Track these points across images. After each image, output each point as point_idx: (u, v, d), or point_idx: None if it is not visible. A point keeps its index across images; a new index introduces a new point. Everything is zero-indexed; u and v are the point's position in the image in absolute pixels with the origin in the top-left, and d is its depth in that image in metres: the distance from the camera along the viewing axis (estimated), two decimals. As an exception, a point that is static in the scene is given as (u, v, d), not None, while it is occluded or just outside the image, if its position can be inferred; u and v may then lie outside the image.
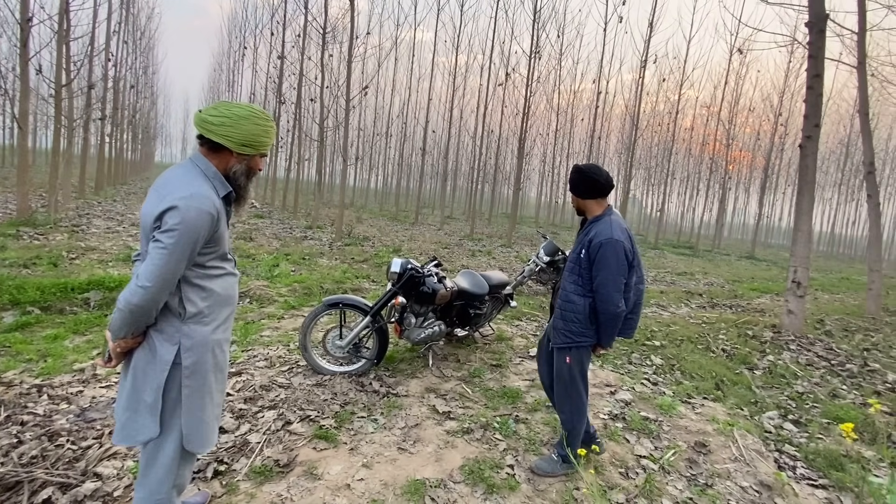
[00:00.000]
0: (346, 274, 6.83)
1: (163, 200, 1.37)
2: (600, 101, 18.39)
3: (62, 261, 5.86)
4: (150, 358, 1.45)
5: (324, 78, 12.73)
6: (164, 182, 1.45)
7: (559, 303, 2.34)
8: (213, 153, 1.51)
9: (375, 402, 3.00)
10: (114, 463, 2.11)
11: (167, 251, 1.35)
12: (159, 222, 1.36)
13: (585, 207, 2.32)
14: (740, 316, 6.76)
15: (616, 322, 2.20)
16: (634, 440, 2.86)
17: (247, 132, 1.47)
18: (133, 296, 1.35)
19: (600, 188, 2.25)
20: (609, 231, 2.16)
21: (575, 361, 2.32)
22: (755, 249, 22.10)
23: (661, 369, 4.19)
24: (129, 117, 22.09)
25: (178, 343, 1.46)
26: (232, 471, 2.20)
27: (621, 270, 2.15)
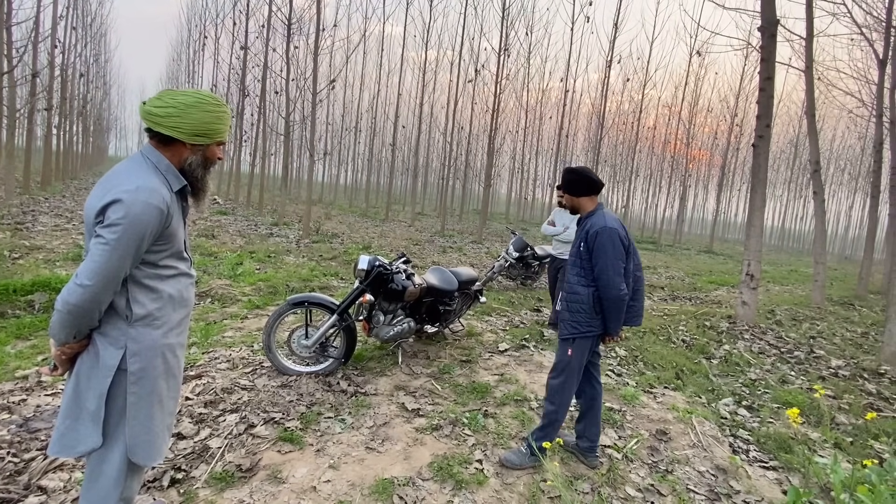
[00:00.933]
0: (313, 272, 6.69)
1: (107, 194, 1.29)
2: (568, 99, 18.73)
3: (4, 260, 5.47)
4: (93, 363, 1.35)
5: (289, 70, 12.40)
6: (110, 175, 1.36)
7: (564, 295, 2.45)
8: (165, 146, 1.41)
9: (343, 402, 2.95)
10: (60, 475, 1.98)
11: (109, 247, 1.26)
12: (101, 217, 1.27)
13: (579, 205, 2.47)
14: (699, 308, 7.05)
15: (620, 306, 2.30)
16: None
17: (197, 121, 1.38)
18: (71, 295, 1.25)
19: (593, 186, 2.42)
20: (603, 221, 2.32)
21: (577, 354, 2.40)
22: (713, 244, 23.09)
23: (625, 361, 4.31)
24: (79, 108, 20.85)
25: (123, 347, 1.36)
26: (191, 478, 2.11)
27: (619, 255, 2.28)
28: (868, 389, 4.14)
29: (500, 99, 14.26)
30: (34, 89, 11.52)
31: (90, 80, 21.50)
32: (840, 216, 33.95)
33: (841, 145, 29.09)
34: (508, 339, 4.46)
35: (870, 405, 3.82)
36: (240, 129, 16.63)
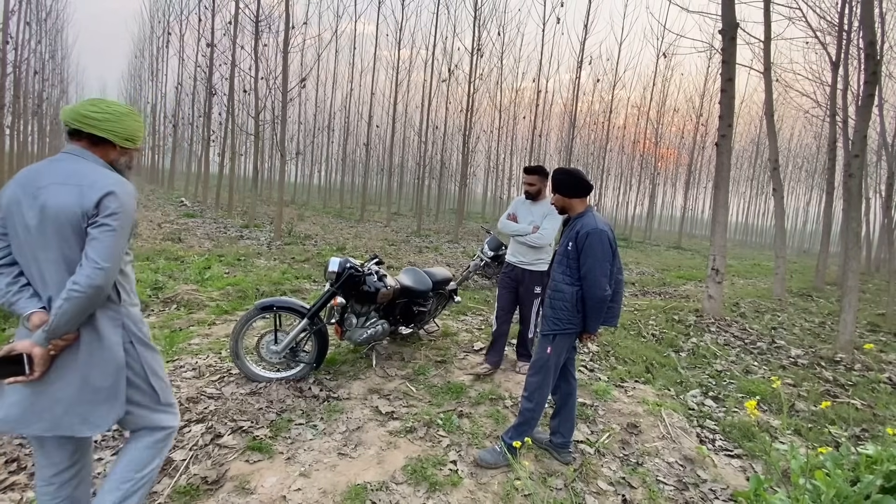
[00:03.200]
0: (285, 275, 6.55)
1: (92, 189, 1.42)
2: (540, 99, 18.95)
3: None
4: (96, 346, 1.48)
5: (258, 68, 12.10)
6: (71, 174, 1.44)
7: (549, 293, 2.49)
8: (95, 146, 1.53)
9: (315, 408, 2.89)
10: (11, 495, 1.87)
11: (116, 233, 1.42)
12: (97, 209, 1.41)
13: (570, 206, 2.52)
14: (668, 302, 7.25)
15: (602, 306, 2.37)
16: (572, 427, 2.96)
17: (129, 128, 1.56)
18: (95, 278, 1.38)
19: (584, 188, 2.48)
20: (594, 223, 2.38)
21: (555, 352, 2.45)
22: (681, 240, 23.82)
23: (597, 356, 4.39)
24: (34, 107, 19.83)
25: (121, 325, 1.54)
26: (153, 493, 2.03)
27: (606, 257, 2.34)
28: (825, 377, 4.34)
29: (474, 99, 14.31)
30: (-18, 87, 10.87)
31: (45, 78, 20.48)
32: (798, 212, 35.54)
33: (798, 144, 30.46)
34: (484, 339, 4.47)
35: (826, 392, 4.01)
36: (207, 128, 16.14)
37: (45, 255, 1.42)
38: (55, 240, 1.41)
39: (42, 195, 1.40)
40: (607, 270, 2.35)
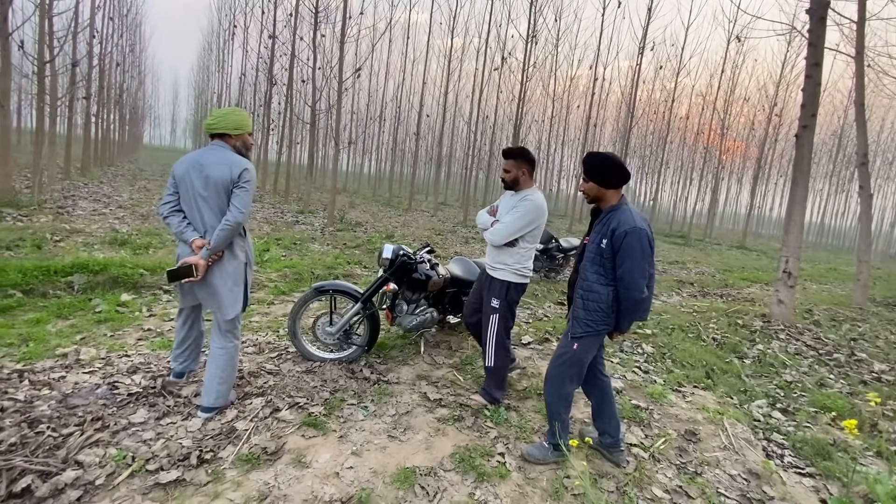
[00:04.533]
0: (337, 259, 6.75)
1: (235, 166, 2.36)
2: (597, 87, 18.23)
3: (46, 243, 5.72)
4: (231, 259, 2.44)
5: (316, 59, 12.44)
6: (222, 157, 2.38)
7: (580, 293, 2.33)
8: (222, 139, 2.45)
9: (366, 390, 2.96)
10: (96, 451, 2.06)
11: (248, 192, 2.37)
12: (238, 178, 2.34)
13: (603, 196, 2.30)
14: (731, 305, 6.80)
15: (638, 308, 2.24)
16: (625, 428, 2.86)
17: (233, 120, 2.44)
18: (239, 217, 2.33)
19: (621, 176, 2.25)
20: (632, 220, 2.18)
21: (582, 348, 2.32)
22: (746, 239, 22.26)
23: (653, 358, 4.20)
24: (116, 97, 21.52)
25: (244, 250, 2.52)
26: (218, 458, 2.16)
27: (646, 258, 2.18)
28: (914, 396, 3.91)
29: (527, 87, 13.98)
30: (74, 78, 11.92)
31: (126, 70, 22.14)
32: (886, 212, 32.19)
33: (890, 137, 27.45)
34: (531, 332, 4.40)
35: (916, 413, 3.61)
36: (267, 117, 16.85)
37: (206, 206, 2.35)
38: (215, 197, 2.34)
39: (206, 170, 2.33)
40: (646, 272, 2.19)
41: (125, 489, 1.90)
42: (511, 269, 2.81)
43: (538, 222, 2.78)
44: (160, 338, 3.47)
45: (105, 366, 2.92)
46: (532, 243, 2.84)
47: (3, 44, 7.05)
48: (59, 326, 3.55)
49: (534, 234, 2.82)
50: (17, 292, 3.98)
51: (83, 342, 3.29)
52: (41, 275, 4.24)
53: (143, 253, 5.83)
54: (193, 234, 2.36)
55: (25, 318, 3.61)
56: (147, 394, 2.60)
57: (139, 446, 2.15)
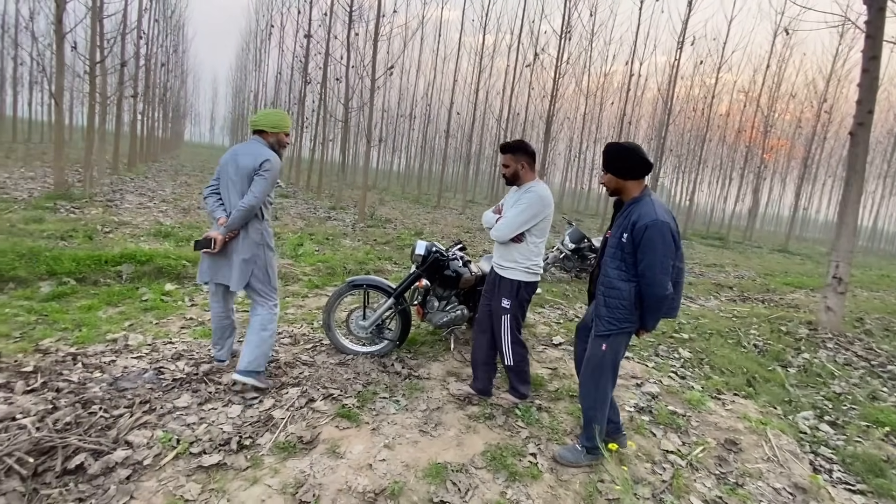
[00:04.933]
0: (368, 255, 6.85)
1: (258, 157, 2.61)
2: (632, 84, 17.75)
3: (97, 234, 6.04)
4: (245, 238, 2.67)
5: (349, 57, 12.61)
6: (253, 150, 2.67)
7: (601, 289, 2.26)
8: (260, 135, 2.75)
9: (397, 384, 2.99)
10: (144, 432, 2.16)
11: (266, 181, 2.60)
12: (259, 167, 2.60)
13: (623, 188, 2.21)
14: (773, 311, 6.50)
15: (662, 305, 2.14)
16: (661, 434, 2.78)
17: (272, 120, 2.75)
18: (252, 201, 2.56)
19: (641, 167, 2.15)
20: (653, 212, 2.07)
21: (611, 349, 2.25)
22: (789, 242, 21.23)
23: (690, 363, 4.06)
24: (160, 95, 22.47)
25: (260, 232, 2.71)
26: (256, 445, 2.22)
27: (668, 252, 2.07)
28: (980, 414, 3.63)
29: (560, 84, 13.74)
30: (122, 78, 12.52)
31: (170, 70, 23.08)
32: (946, 216, 30.02)
33: (953, 136, 25.55)
34: (563, 333, 4.33)
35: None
36: (301, 115, 17.23)
37: (234, 190, 2.65)
38: (240, 182, 2.63)
39: (239, 159, 2.65)
40: (669, 267, 2.08)
41: (170, 470, 1.99)
42: (521, 266, 2.69)
43: (543, 214, 2.65)
44: (201, 327, 3.61)
45: (151, 351, 3.06)
46: (540, 237, 2.71)
47: (59, 44, 7.48)
48: (110, 313, 3.74)
49: (541, 228, 2.69)
50: (72, 280, 4.22)
51: (131, 328, 3.45)
52: (93, 264, 4.48)
53: (185, 245, 6.07)
54: (221, 214, 2.67)
55: (78, 304, 3.83)
56: (190, 379, 2.71)
57: (183, 429, 2.24)
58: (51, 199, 7.82)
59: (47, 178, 10.46)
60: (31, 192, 8.63)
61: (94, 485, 1.84)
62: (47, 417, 2.11)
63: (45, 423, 2.06)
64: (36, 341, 3.06)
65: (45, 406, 2.23)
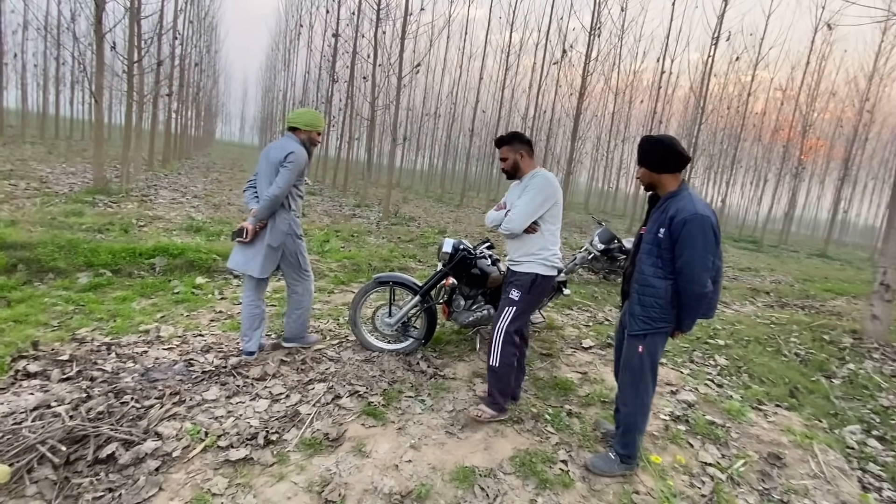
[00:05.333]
0: (393, 252, 6.84)
1: (285, 150, 2.78)
2: (663, 81, 17.26)
3: (132, 228, 6.22)
4: (273, 227, 2.84)
5: (376, 55, 12.67)
6: (283, 144, 2.84)
7: (636, 287, 2.17)
8: (293, 132, 2.90)
9: (423, 383, 2.94)
10: (173, 424, 2.17)
11: (290, 171, 2.75)
12: (285, 160, 2.74)
13: (660, 183, 2.13)
14: (814, 318, 6.18)
15: (701, 304, 2.05)
16: (699, 445, 2.64)
17: (304, 118, 2.90)
18: (276, 191, 2.72)
19: (678, 161, 2.06)
20: (693, 206, 1.98)
21: (648, 350, 2.16)
22: (828, 247, 20.28)
23: (727, 371, 3.87)
24: (194, 94, 23.13)
25: (287, 222, 2.88)
26: (283, 440, 2.21)
27: (709, 248, 1.98)
28: None
29: (588, 81, 13.47)
30: (158, 77, 12.92)
31: (203, 70, 23.73)
32: None
33: None
34: (592, 336, 4.21)
35: None
36: (328, 114, 17.43)
37: (265, 181, 2.81)
38: (270, 174, 2.79)
39: (270, 153, 2.82)
40: (709, 264, 1.98)
41: (199, 463, 1.99)
42: (539, 258, 2.48)
43: (554, 198, 2.47)
44: (230, 320, 3.64)
45: (182, 343, 3.10)
46: (555, 224, 2.53)
47: (98, 44, 7.74)
48: (143, 304, 3.83)
49: (554, 214, 2.51)
50: (108, 271, 4.35)
51: (163, 320, 3.52)
52: (128, 256, 4.61)
53: (216, 239, 6.19)
54: (254, 204, 2.86)
55: (114, 295, 3.93)
56: (219, 372, 2.72)
57: (211, 422, 2.25)
58: (90, 193, 8.11)
59: (87, 173, 10.88)
60: (72, 186, 8.98)
61: (125, 475, 1.86)
62: (81, 406, 2.14)
63: (78, 412, 2.09)
64: (73, 330, 3.15)
65: (79, 395, 2.27)
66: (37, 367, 2.53)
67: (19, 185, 8.38)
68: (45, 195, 7.69)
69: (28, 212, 6.25)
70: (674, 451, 2.54)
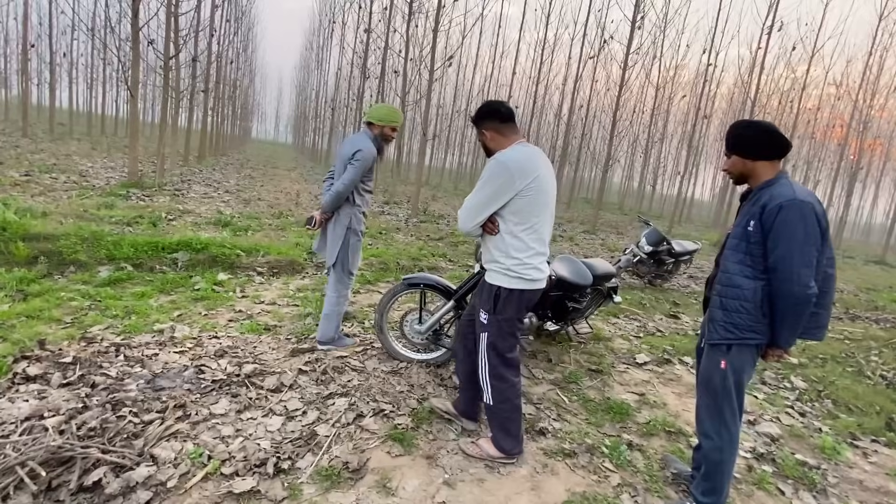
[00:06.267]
0: (422, 251, 6.52)
1: (353, 147, 2.79)
2: (709, 75, 16.29)
3: (161, 221, 6.13)
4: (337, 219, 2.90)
5: (408, 49, 12.40)
6: (354, 140, 2.83)
7: (718, 288, 1.82)
8: (368, 126, 2.88)
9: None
10: (172, 444, 1.89)
11: (356, 169, 2.76)
12: (353, 157, 2.75)
13: (754, 172, 1.79)
14: (892, 333, 5.48)
15: (803, 310, 1.64)
16: (791, 493, 2.18)
17: (377, 113, 2.86)
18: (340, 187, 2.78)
19: (779, 145, 1.73)
20: (791, 192, 1.66)
21: (733, 368, 1.78)
22: (886, 254, 18.71)
23: (807, 395, 3.34)
24: (230, 92, 23.56)
25: (350, 216, 2.89)
26: (295, 469, 1.90)
27: (810, 239, 1.62)
28: None
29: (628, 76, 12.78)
30: (194, 72, 13.07)
31: (238, 68, 24.15)
32: None
33: None
34: (646, 350, 3.74)
35: None
36: (360, 110, 17.31)
37: (338, 174, 2.88)
38: (341, 168, 2.85)
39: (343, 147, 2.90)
40: (812, 259, 1.63)
41: (197, 494, 1.70)
42: (501, 267, 1.96)
43: (511, 187, 1.88)
44: (249, 321, 3.39)
45: (195, 346, 2.86)
46: (524, 223, 1.93)
47: (135, 37, 7.75)
48: (161, 301, 3.63)
49: (518, 209, 1.91)
50: (129, 266, 4.19)
51: (179, 319, 3.30)
52: (150, 250, 4.45)
53: (243, 234, 6.03)
54: None
55: (133, 290, 3.75)
56: (230, 382, 2.45)
57: (217, 443, 1.96)
58: (124, 187, 8.16)
59: (125, 168, 11.06)
60: (109, 180, 9.10)
61: (112, 507, 1.58)
62: (74, 419, 1.89)
63: (69, 427, 1.84)
64: (85, 328, 2.96)
65: (75, 404, 2.03)
66: (37, 369, 2.32)
67: (59, 178, 8.52)
68: (81, 188, 7.77)
69: (62, 204, 6.26)
70: (761, 501, 2.09)
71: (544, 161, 2.00)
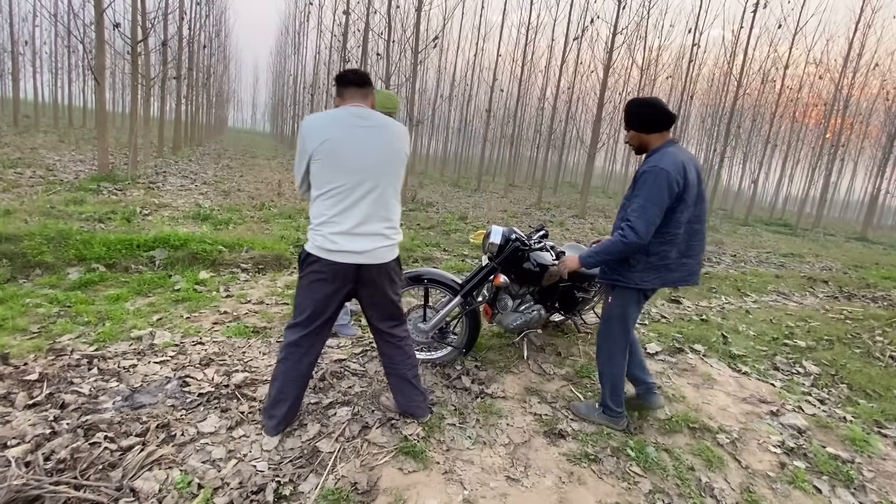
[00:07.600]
0: (414, 241, 6.28)
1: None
2: (693, 55, 16.19)
3: (135, 216, 5.76)
4: None
5: (390, 31, 11.96)
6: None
7: None
8: None
9: (467, 404, 2.40)
10: (156, 474, 1.66)
11: None
12: None
13: (648, 143, 2.11)
14: (892, 312, 5.49)
15: (617, 251, 2.02)
16: (828, 490, 2.06)
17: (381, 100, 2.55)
18: None
19: (664, 119, 2.05)
20: (658, 160, 1.97)
21: (616, 303, 2.20)
22: (867, 231, 19.13)
23: (821, 381, 3.26)
24: (203, 79, 22.63)
25: None
26: (298, 493, 1.69)
27: (657, 200, 1.93)
28: None
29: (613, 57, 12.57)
30: (165, 58, 12.41)
31: (212, 54, 23.17)
32: None
33: None
34: (655, 339, 3.61)
35: None
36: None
37: None
38: None
39: None
40: (653, 217, 1.93)
41: (187, 533, 1.48)
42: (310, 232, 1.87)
43: (305, 148, 1.80)
44: (236, 322, 3.14)
45: (178, 354, 2.60)
46: (322, 188, 1.80)
47: (98, 20, 7.22)
48: (138, 304, 3.35)
49: (317, 173, 1.80)
50: (101, 266, 3.87)
51: (159, 323, 3.03)
52: (124, 249, 4.13)
53: (224, 228, 5.70)
54: None
55: (106, 293, 3.45)
56: (219, 394, 2.22)
57: (207, 468, 1.74)
58: (95, 180, 7.69)
59: (95, 160, 10.48)
60: (78, 174, 8.58)
61: (87, 554, 1.36)
62: (40, 449, 1.65)
63: (35, 458, 1.60)
64: (53, 338, 2.67)
65: (42, 429, 1.78)
66: (2, 389, 2.05)
67: (24, 173, 8.00)
68: (48, 183, 7.29)
69: (28, 201, 5.83)
70: (798, 499, 1.97)
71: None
